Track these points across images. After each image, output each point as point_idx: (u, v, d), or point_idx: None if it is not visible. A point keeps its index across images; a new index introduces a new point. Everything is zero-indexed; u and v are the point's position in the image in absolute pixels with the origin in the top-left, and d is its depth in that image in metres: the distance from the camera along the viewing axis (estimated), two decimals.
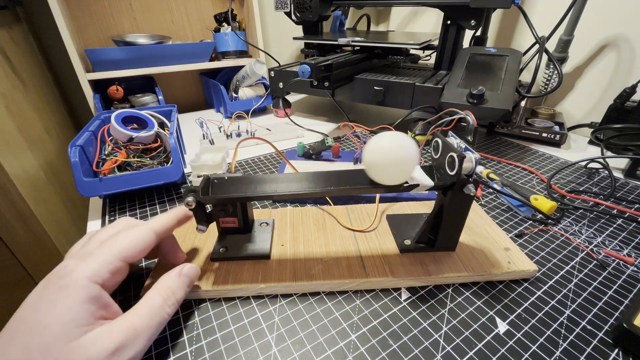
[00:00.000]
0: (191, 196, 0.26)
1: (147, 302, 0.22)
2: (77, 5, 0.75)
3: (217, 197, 0.26)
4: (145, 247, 0.24)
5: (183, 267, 0.26)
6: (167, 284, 0.24)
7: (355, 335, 0.25)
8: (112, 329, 0.20)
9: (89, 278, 0.21)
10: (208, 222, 0.28)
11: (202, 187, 0.26)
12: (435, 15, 0.88)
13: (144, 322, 0.21)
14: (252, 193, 0.26)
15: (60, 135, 0.77)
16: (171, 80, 0.92)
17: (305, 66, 0.51)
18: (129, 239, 0.24)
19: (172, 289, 0.24)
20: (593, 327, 0.25)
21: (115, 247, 0.23)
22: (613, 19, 0.59)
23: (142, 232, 0.25)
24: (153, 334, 0.22)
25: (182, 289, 0.25)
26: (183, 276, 0.25)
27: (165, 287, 0.24)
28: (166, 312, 0.23)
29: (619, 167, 0.51)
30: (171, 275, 0.25)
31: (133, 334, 0.20)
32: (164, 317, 0.23)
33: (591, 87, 0.65)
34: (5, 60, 0.59)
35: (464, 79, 0.53)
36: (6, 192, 0.52)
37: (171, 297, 0.23)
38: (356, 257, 0.30)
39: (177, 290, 0.24)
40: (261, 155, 0.55)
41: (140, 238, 0.24)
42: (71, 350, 0.18)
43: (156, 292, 0.23)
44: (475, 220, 0.36)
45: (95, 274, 0.21)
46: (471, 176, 0.26)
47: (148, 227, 0.25)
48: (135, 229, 0.25)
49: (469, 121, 0.40)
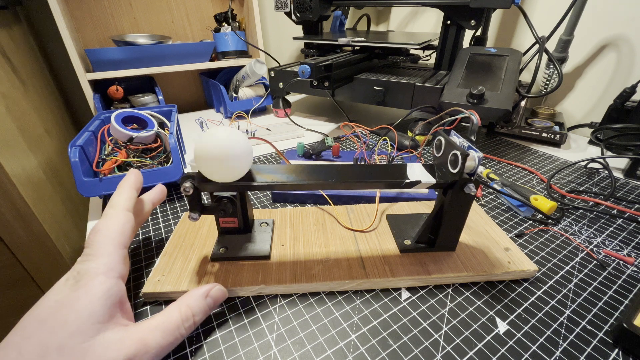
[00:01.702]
0: (189, 182, 0.25)
1: (164, 319, 0.22)
2: (77, 5, 0.75)
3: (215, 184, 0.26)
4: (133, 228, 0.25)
5: (212, 287, 0.25)
6: (190, 303, 0.23)
7: (355, 335, 0.25)
8: (124, 338, 0.20)
9: (105, 274, 0.21)
10: (202, 212, 0.28)
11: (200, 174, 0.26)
12: (435, 15, 0.88)
13: (157, 339, 0.21)
14: (251, 182, 0.26)
15: (60, 135, 0.77)
16: (171, 80, 0.92)
17: (305, 66, 0.51)
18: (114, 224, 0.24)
19: (193, 310, 0.23)
20: (593, 327, 0.25)
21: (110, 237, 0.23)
22: (613, 19, 0.59)
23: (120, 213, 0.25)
24: (163, 351, 0.21)
25: (204, 312, 0.24)
26: (209, 298, 0.24)
27: (187, 307, 0.23)
28: (181, 333, 0.22)
29: (619, 167, 0.51)
30: (197, 295, 0.24)
31: (143, 349, 0.20)
32: (178, 338, 0.22)
33: (591, 87, 0.65)
34: (5, 60, 0.59)
35: (464, 79, 0.53)
36: (6, 192, 0.51)
37: (190, 319, 0.23)
38: (356, 257, 0.30)
39: (198, 312, 0.23)
40: (261, 155, 0.55)
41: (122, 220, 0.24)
42: (85, 351, 0.18)
43: (176, 310, 0.23)
44: (475, 220, 0.36)
45: (109, 268, 0.21)
46: (473, 175, 0.26)
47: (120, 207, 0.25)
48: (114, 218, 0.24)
49: (472, 120, 0.40)
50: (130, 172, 0.29)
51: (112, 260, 0.22)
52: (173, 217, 0.39)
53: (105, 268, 0.21)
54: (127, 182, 0.27)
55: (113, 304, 0.20)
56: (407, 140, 0.54)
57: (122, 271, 0.22)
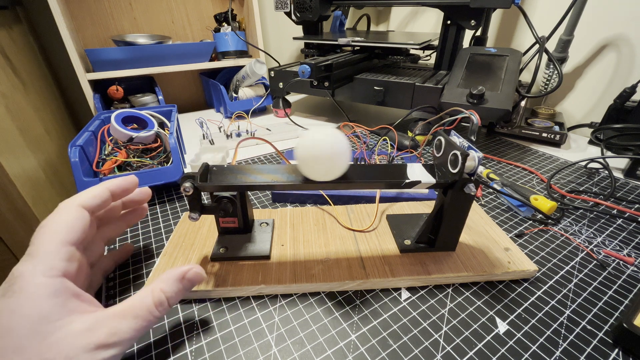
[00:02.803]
0: (189, 182, 0.25)
1: (136, 302, 0.21)
2: (77, 5, 0.75)
3: (216, 184, 0.26)
4: (83, 224, 0.23)
5: (189, 270, 0.24)
6: (163, 287, 0.22)
7: (355, 335, 0.25)
8: (94, 326, 0.19)
9: (43, 274, 0.20)
10: (202, 212, 0.28)
11: (200, 174, 0.26)
12: (435, 15, 0.88)
13: (129, 324, 0.20)
14: (251, 182, 0.26)
15: (60, 135, 0.77)
16: (171, 80, 0.92)
17: (305, 66, 0.51)
18: (61, 221, 0.22)
19: (167, 294, 0.22)
20: (593, 327, 0.25)
21: (53, 234, 0.22)
22: (613, 19, 0.59)
23: (70, 209, 0.23)
24: (136, 335, 0.21)
25: (179, 295, 0.23)
26: (186, 281, 0.23)
27: (160, 290, 0.22)
28: (154, 316, 0.21)
29: (619, 167, 0.51)
30: (172, 279, 0.23)
31: (115, 334, 0.19)
32: (151, 321, 0.21)
33: (591, 87, 0.65)
34: (5, 60, 0.59)
35: (464, 79, 0.53)
36: (6, 192, 0.52)
37: (164, 302, 0.22)
38: (356, 257, 0.30)
39: (172, 296, 0.23)
40: (261, 155, 0.55)
41: (72, 216, 0.23)
42: (50, 346, 0.18)
43: (149, 293, 0.22)
44: (475, 220, 0.36)
45: (48, 267, 0.20)
46: (473, 175, 0.26)
47: (73, 203, 0.24)
48: (62, 213, 0.23)
49: (472, 120, 0.40)
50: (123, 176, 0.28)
51: (51, 259, 0.20)
52: (173, 217, 0.39)
53: (43, 267, 0.20)
54: (105, 183, 0.26)
55: (65, 300, 0.20)
56: (407, 140, 0.54)
57: (65, 269, 0.21)
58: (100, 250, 0.29)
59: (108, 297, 0.28)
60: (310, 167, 0.24)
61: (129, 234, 0.36)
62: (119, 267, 0.31)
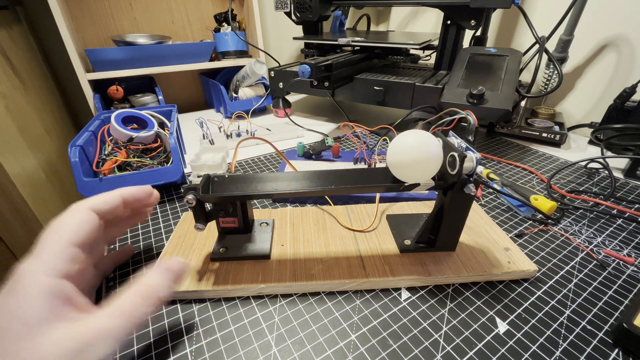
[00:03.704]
0: (191, 194, 0.26)
1: (121, 301, 0.21)
2: (77, 5, 0.75)
3: (218, 195, 0.26)
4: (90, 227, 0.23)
5: (167, 261, 0.24)
6: (147, 282, 0.22)
7: (355, 335, 0.25)
8: (79, 328, 0.19)
9: (44, 273, 0.20)
10: (207, 221, 0.28)
11: (202, 185, 0.26)
12: (435, 15, 0.88)
13: (116, 322, 0.20)
14: (252, 191, 0.26)
15: (60, 135, 0.77)
16: (171, 80, 0.92)
17: (305, 66, 0.51)
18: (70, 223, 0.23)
19: (153, 287, 0.22)
20: (593, 327, 0.25)
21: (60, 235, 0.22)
22: (613, 19, 0.59)
23: (80, 212, 0.23)
24: (124, 334, 0.20)
25: (166, 285, 0.23)
26: (168, 272, 0.23)
27: (145, 286, 0.22)
28: (143, 311, 0.21)
29: (619, 167, 0.51)
30: (153, 272, 0.23)
31: (100, 335, 0.19)
32: (140, 318, 0.21)
33: (591, 87, 0.65)
34: (5, 60, 0.59)
35: (464, 79, 0.53)
36: (6, 192, 0.52)
37: (153, 296, 0.22)
38: (356, 257, 0.30)
39: (159, 287, 0.22)
40: (261, 155, 0.55)
41: (80, 219, 0.23)
42: (33, 349, 0.18)
43: (136, 291, 0.22)
44: (475, 220, 0.36)
45: (50, 267, 0.20)
46: (472, 176, 0.26)
47: (84, 205, 0.24)
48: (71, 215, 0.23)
49: (470, 121, 0.40)
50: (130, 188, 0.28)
51: (54, 259, 0.21)
52: (173, 217, 0.39)
53: (45, 267, 0.20)
54: (120, 190, 0.27)
55: (58, 302, 0.19)
56: None
57: (66, 270, 0.21)
58: (102, 251, 0.29)
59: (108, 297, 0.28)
60: (407, 169, 0.25)
61: (129, 234, 0.36)
62: (119, 268, 0.31)
